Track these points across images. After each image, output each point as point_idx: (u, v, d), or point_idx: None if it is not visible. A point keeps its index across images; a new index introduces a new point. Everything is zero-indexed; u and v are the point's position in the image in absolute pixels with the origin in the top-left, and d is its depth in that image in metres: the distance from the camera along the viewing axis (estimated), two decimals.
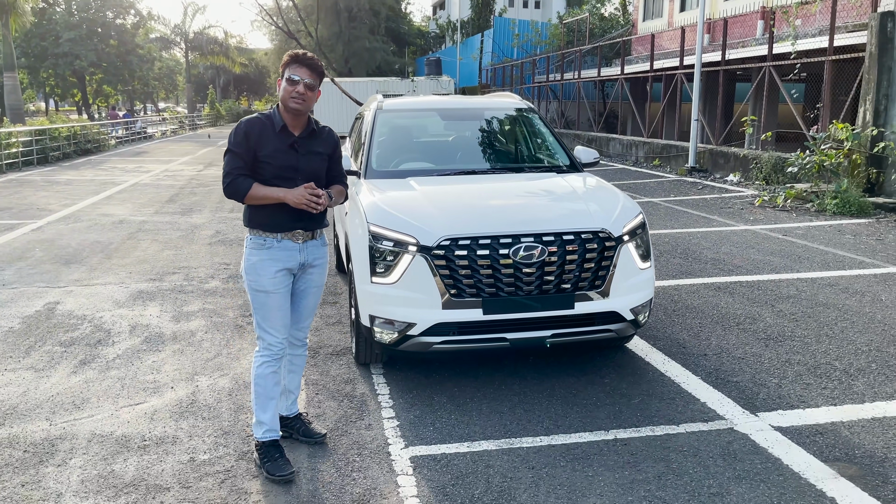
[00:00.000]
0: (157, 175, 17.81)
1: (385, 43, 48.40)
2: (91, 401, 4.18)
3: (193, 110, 59.57)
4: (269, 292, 3.36)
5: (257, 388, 3.43)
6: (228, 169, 3.27)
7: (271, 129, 3.30)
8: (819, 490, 3.15)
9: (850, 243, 8.36)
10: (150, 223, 10.49)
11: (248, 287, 3.39)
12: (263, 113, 3.38)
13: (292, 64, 3.27)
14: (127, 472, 3.38)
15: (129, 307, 6.11)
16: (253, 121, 3.33)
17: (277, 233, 3.35)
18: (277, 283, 3.37)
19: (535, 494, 3.16)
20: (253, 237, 3.37)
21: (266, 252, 3.35)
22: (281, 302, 3.41)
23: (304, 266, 3.46)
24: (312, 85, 3.28)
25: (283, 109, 3.33)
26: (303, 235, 3.41)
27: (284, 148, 3.32)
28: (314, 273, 3.52)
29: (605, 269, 4.16)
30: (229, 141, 3.31)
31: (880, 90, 10.75)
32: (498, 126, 5.79)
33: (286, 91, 3.27)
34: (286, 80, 3.27)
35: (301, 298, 3.53)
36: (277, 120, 3.33)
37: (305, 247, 3.43)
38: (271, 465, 3.34)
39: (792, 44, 12.90)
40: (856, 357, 4.73)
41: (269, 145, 3.28)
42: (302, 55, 3.29)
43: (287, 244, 3.37)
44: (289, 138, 3.33)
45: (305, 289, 3.53)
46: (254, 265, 3.34)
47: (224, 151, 3.32)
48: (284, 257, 3.37)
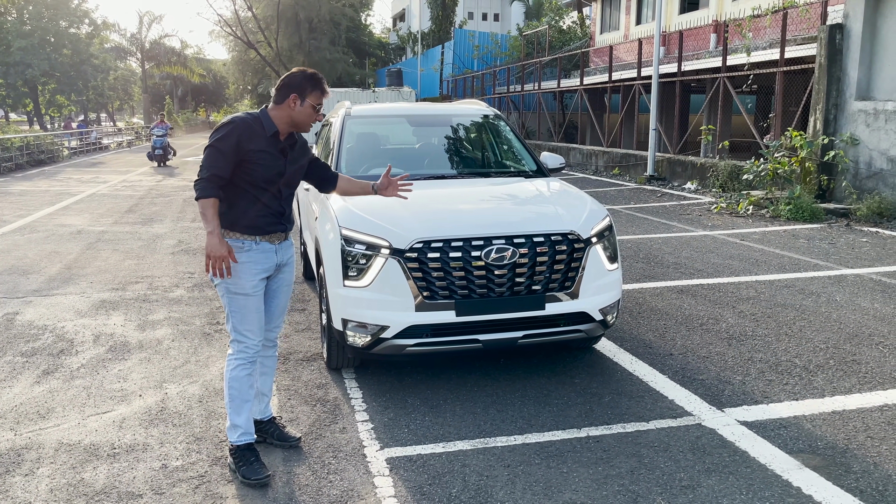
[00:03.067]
0: (114, 185, 17.48)
1: (346, 54, 48.38)
2: (56, 410, 4.09)
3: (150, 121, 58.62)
4: (249, 295, 3.36)
5: (232, 392, 3.40)
6: (208, 166, 3.20)
7: (262, 132, 3.29)
8: (785, 480, 3.25)
9: (805, 247, 8.63)
10: (110, 233, 10.29)
11: (226, 290, 3.36)
12: (250, 114, 3.35)
13: (318, 92, 3.34)
14: (97, 480, 3.31)
15: (92, 317, 5.99)
16: (245, 121, 3.28)
17: (256, 235, 3.34)
18: (257, 285, 3.38)
19: (511, 492, 3.19)
20: (231, 240, 3.32)
21: (246, 255, 3.33)
22: (259, 304, 3.42)
23: (279, 266, 3.48)
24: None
25: (280, 119, 3.33)
26: (279, 237, 3.41)
27: (275, 152, 3.32)
28: (286, 271, 3.55)
29: (575, 271, 4.24)
30: (215, 137, 3.23)
31: (830, 100, 11.13)
32: (466, 132, 5.86)
33: (309, 116, 3.35)
34: (312, 108, 3.33)
35: (273, 298, 3.54)
36: (269, 124, 3.31)
37: (280, 247, 3.45)
38: (247, 468, 3.31)
39: (747, 55, 13.30)
40: (814, 354, 4.89)
41: (260, 148, 3.27)
42: (324, 83, 3.38)
43: (265, 246, 3.37)
44: (279, 144, 3.34)
45: (277, 288, 3.54)
46: (234, 269, 3.32)
47: (209, 145, 3.22)
48: (263, 259, 3.37)
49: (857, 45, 10.65)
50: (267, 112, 3.36)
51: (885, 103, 10.30)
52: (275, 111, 3.35)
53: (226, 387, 3.42)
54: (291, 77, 3.36)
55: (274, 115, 3.35)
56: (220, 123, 3.30)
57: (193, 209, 12.87)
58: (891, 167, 10.28)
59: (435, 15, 44.67)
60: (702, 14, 19.79)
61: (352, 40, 49.77)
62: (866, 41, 10.59)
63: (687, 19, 20.52)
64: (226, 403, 3.44)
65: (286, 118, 3.34)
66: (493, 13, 52.74)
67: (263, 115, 3.35)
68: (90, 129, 37.00)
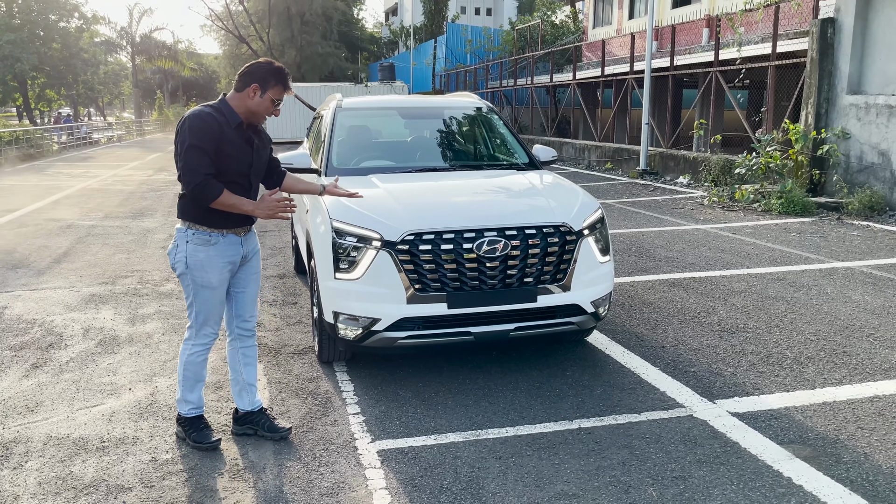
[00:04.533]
0: (105, 180, 17.37)
1: (338, 48, 48.26)
2: (45, 404, 4.06)
3: (140, 115, 58.25)
4: (214, 288, 3.39)
5: (187, 374, 3.49)
6: (197, 168, 3.14)
7: (227, 125, 3.24)
8: (776, 471, 3.26)
9: (796, 241, 8.65)
10: (100, 227, 10.23)
11: (192, 283, 3.37)
12: (210, 105, 3.29)
13: (279, 86, 3.28)
14: (86, 473, 3.29)
15: (81, 311, 5.95)
16: (210, 114, 3.22)
17: (223, 229, 3.33)
18: (224, 277, 3.41)
19: (503, 483, 3.19)
20: (196, 232, 3.31)
21: (213, 248, 3.33)
22: (223, 296, 3.47)
23: (244, 258, 3.49)
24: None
25: (239, 108, 3.28)
26: (245, 229, 3.43)
27: (243, 144, 3.30)
28: (253, 261, 3.57)
29: (567, 263, 4.23)
30: (189, 136, 3.16)
31: (821, 94, 11.16)
32: (458, 125, 5.84)
33: (266, 109, 3.30)
34: (272, 102, 3.28)
35: (244, 288, 3.55)
36: (233, 116, 3.27)
37: (246, 239, 3.47)
38: (197, 434, 3.49)
39: (738, 50, 13.31)
40: (805, 346, 4.90)
41: (230, 140, 3.23)
42: (287, 77, 3.31)
43: (231, 238, 3.38)
44: (244, 134, 3.31)
45: (246, 277, 3.55)
46: (201, 262, 3.32)
47: (187, 147, 3.16)
48: (230, 252, 3.38)
49: (849, 39, 10.67)
50: (227, 101, 3.30)
51: (877, 97, 10.33)
52: (234, 99, 3.30)
53: (180, 368, 3.50)
54: (257, 67, 3.31)
55: (234, 105, 3.29)
56: (189, 121, 3.18)
57: None
58: (882, 161, 10.31)
59: (427, 9, 44.59)
60: (694, 9, 19.78)
61: (344, 35, 49.64)
62: (858, 35, 10.62)
63: (679, 14, 20.51)
64: (179, 381, 3.54)
65: (243, 108, 3.29)
66: (486, 7, 52.64)
67: (224, 106, 3.28)
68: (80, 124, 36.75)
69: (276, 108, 3.35)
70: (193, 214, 3.32)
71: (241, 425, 3.62)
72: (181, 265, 3.36)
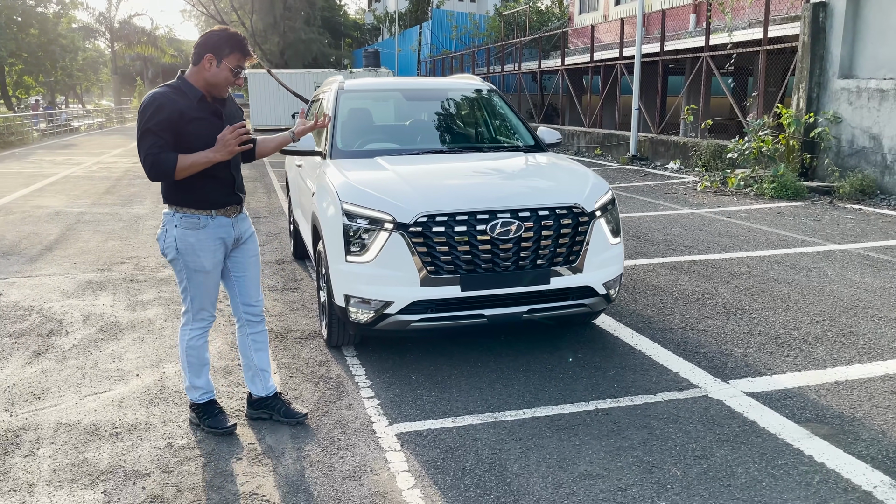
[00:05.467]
0: (89, 167, 17.11)
1: (321, 34, 47.83)
2: (52, 391, 3.98)
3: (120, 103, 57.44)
4: (209, 271, 3.32)
5: (190, 359, 3.43)
6: (147, 149, 3.04)
7: (188, 101, 3.13)
8: (796, 449, 3.26)
9: (791, 224, 8.70)
10: (89, 214, 10.07)
11: (185, 268, 3.29)
12: (168, 85, 3.18)
13: (238, 54, 3.15)
14: (101, 459, 3.23)
15: (79, 297, 5.84)
16: (166, 95, 3.10)
17: (212, 209, 3.26)
18: (217, 260, 3.34)
19: (526, 464, 3.17)
20: (184, 216, 3.23)
21: (203, 231, 3.25)
22: (218, 279, 3.40)
23: (237, 241, 3.41)
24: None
25: (198, 82, 3.17)
26: (234, 210, 3.35)
27: (209, 117, 3.19)
28: (249, 243, 3.49)
29: (579, 245, 4.20)
30: (144, 120, 3.04)
31: (813, 78, 11.21)
32: (462, 106, 5.78)
33: (226, 80, 3.16)
34: (230, 71, 3.14)
35: (244, 271, 3.47)
36: (193, 91, 3.15)
37: (237, 220, 3.39)
38: (212, 419, 3.43)
39: (729, 35, 13.32)
40: (812, 327, 4.92)
41: (193, 118, 3.12)
42: (246, 44, 3.19)
43: (221, 220, 3.30)
44: (210, 107, 3.20)
45: (244, 260, 3.47)
46: (192, 246, 3.25)
47: (141, 132, 3.06)
48: (221, 233, 3.31)
49: (841, 23, 10.71)
50: (185, 78, 3.19)
51: (868, 81, 10.39)
52: (192, 74, 3.18)
53: (182, 354, 3.44)
54: (209, 36, 3.17)
55: (192, 79, 3.18)
56: (143, 104, 3.09)
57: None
58: (873, 145, 10.38)
59: None
60: None
61: (327, 21, 49.22)
62: (849, 19, 10.65)
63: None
64: (183, 369, 3.47)
65: (202, 81, 3.16)
66: None
67: (183, 83, 3.18)
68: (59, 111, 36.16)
69: (238, 78, 3.18)
70: (178, 197, 3.23)
71: (256, 409, 3.57)
72: (172, 250, 3.28)
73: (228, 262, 3.42)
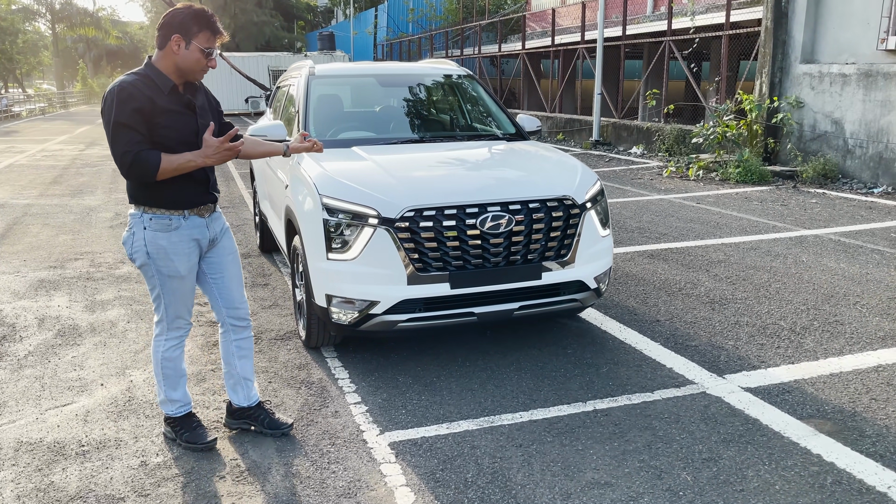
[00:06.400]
0: (33, 155, 16.34)
1: (273, 17, 46.64)
2: (9, 405, 3.67)
3: (62, 87, 55.32)
4: (184, 277, 3.05)
5: (166, 371, 3.17)
6: (126, 148, 2.74)
7: (159, 92, 2.83)
8: (804, 448, 3.17)
9: (759, 209, 8.72)
10: (37, 206, 9.55)
11: (157, 273, 3.01)
12: (136, 73, 2.86)
13: (207, 33, 2.85)
14: (69, 482, 2.95)
15: (32, 298, 5.47)
16: (135, 84, 2.79)
17: (184, 209, 2.98)
18: (192, 264, 3.07)
19: (529, 473, 3.01)
20: (154, 217, 2.95)
21: (175, 233, 2.98)
22: (193, 283, 3.13)
23: (212, 241, 3.15)
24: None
25: (168, 69, 2.87)
26: (208, 209, 3.09)
27: (181, 110, 2.90)
28: (225, 240, 3.21)
29: (571, 238, 4.05)
30: (114, 112, 2.74)
31: (775, 63, 11.26)
32: (440, 92, 5.55)
33: (197, 62, 2.85)
34: (202, 52, 2.84)
35: (222, 272, 3.20)
36: (164, 81, 2.85)
37: (211, 220, 3.12)
38: (190, 434, 3.19)
39: (691, 19, 13.32)
40: (797, 316, 4.87)
41: (165, 110, 2.83)
42: (215, 21, 2.89)
43: (195, 220, 3.03)
44: (181, 98, 2.91)
45: (220, 260, 3.19)
46: (164, 249, 2.97)
47: (112, 126, 2.76)
48: (195, 235, 3.04)
49: (803, 8, 10.76)
50: (153, 64, 2.88)
51: (830, 66, 10.48)
52: (160, 60, 2.87)
53: (157, 367, 3.17)
54: (174, 14, 2.83)
55: (161, 66, 2.87)
56: (109, 94, 2.78)
57: None
58: (835, 129, 10.49)
59: None
60: None
61: (279, 3, 48.00)
62: (811, 4, 10.71)
63: None
64: (157, 382, 3.21)
65: (172, 66, 2.86)
66: None
67: (151, 69, 2.86)
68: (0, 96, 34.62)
69: (211, 59, 2.88)
70: (146, 197, 2.94)
71: (237, 419, 3.32)
72: (141, 255, 2.98)
73: (203, 263, 3.14)
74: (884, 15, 9.65)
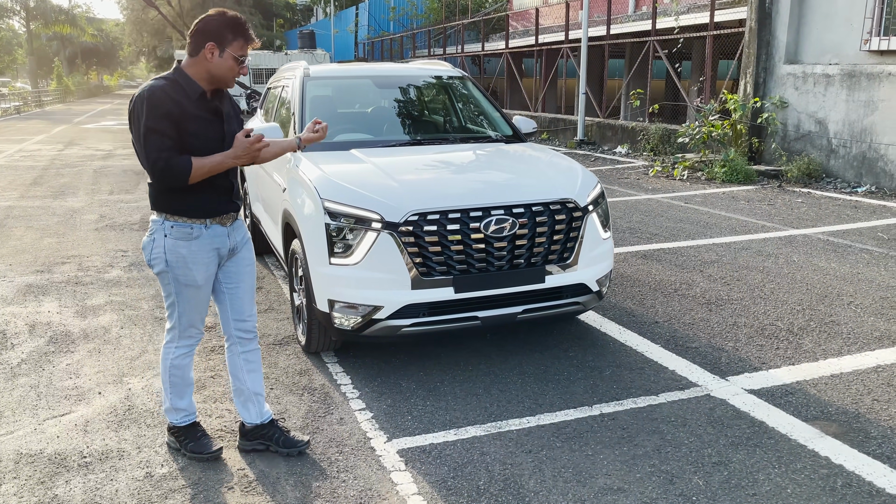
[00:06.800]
0: (11, 156, 16.04)
1: (252, 15, 46.20)
2: (5, 415, 3.58)
3: (37, 85, 54.45)
4: (200, 286, 2.99)
5: (174, 379, 3.12)
6: (158, 154, 2.71)
7: (187, 98, 2.80)
8: (811, 450, 3.19)
9: (747, 209, 8.79)
10: (19, 208, 9.37)
11: (173, 281, 2.96)
12: (165, 78, 2.84)
13: (241, 40, 2.82)
14: (73, 496, 2.89)
15: (20, 304, 5.35)
16: (164, 89, 2.76)
17: (206, 218, 2.93)
18: (210, 274, 3.01)
19: (541, 480, 2.99)
20: (176, 224, 2.90)
21: (196, 243, 2.92)
22: (209, 294, 3.09)
23: (232, 251, 3.08)
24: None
25: (199, 76, 2.84)
26: (230, 218, 3.03)
27: (209, 116, 2.86)
28: (244, 251, 3.15)
29: (573, 241, 4.04)
30: (144, 118, 2.72)
31: (759, 63, 11.36)
32: (436, 94, 5.52)
33: (230, 70, 2.82)
34: (234, 60, 2.82)
35: (238, 283, 3.13)
36: (193, 87, 2.82)
37: (232, 229, 3.06)
38: (194, 444, 3.15)
39: (675, 19, 13.40)
40: (793, 316, 4.91)
41: (193, 116, 2.79)
42: (248, 28, 2.86)
43: (216, 230, 2.97)
44: (209, 105, 2.88)
45: (238, 270, 3.13)
46: (183, 258, 2.91)
47: (143, 131, 2.73)
48: (216, 245, 2.98)
49: (787, 8, 10.86)
50: (183, 70, 2.86)
51: (814, 66, 10.59)
52: (191, 66, 2.84)
53: (165, 374, 3.13)
54: (207, 21, 2.82)
55: (191, 72, 2.84)
56: (139, 98, 2.76)
57: (108, 180, 11.95)
58: (819, 129, 10.61)
59: None
60: None
61: (258, 1, 47.59)
62: (795, 5, 10.81)
63: None
64: (164, 389, 3.16)
65: (204, 73, 2.84)
66: None
67: (180, 75, 2.84)
68: None
69: (243, 66, 2.86)
70: (169, 204, 2.90)
71: (251, 440, 3.22)
72: (160, 262, 2.94)
73: (220, 272, 3.08)
74: (867, 16, 9.77)
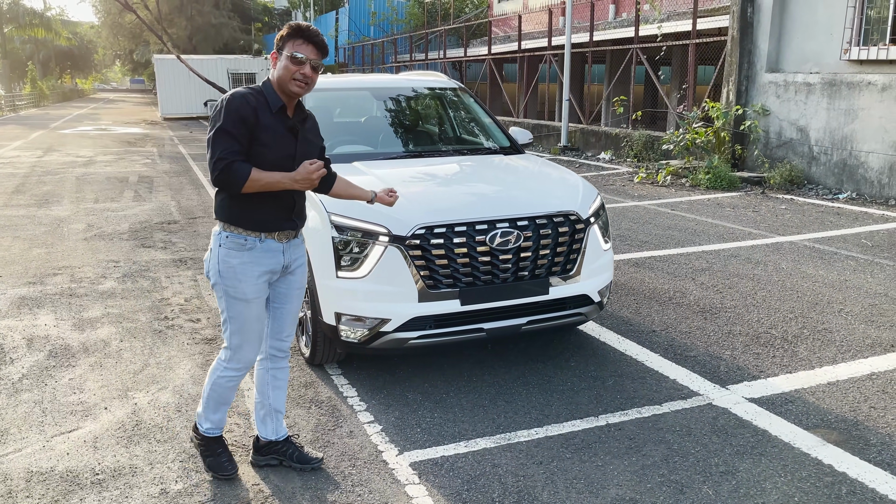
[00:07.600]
0: None
1: (231, 18, 45.96)
2: (11, 432, 3.55)
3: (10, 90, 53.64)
4: (249, 301, 2.96)
5: (213, 394, 3.10)
6: (221, 152, 2.73)
7: (267, 109, 2.85)
8: (815, 459, 3.27)
9: (733, 216, 8.94)
10: (3, 217, 9.24)
11: (224, 293, 2.95)
12: (253, 88, 2.90)
13: (296, 39, 2.83)
14: None
15: (15, 317, 5.30)
16: (247, 96, 2.82)
17: (262, 232, 2.93)
18: (259, 289, 2.98)
19: (554, 491, 3.04)
20: (231, 235, 2.91)
21: (248, 254, 2.92)
22: (261, 312, 3.04)
23: (286, 269, 3.07)
24: (318, 66, 2.88)
25: (278, 88, 2.89)
26: (288, 235, 3.03)
27: (283, 132, 2.88)
28: (298, 273, 3.14)
29: (576, 253, 4.10)
30: (219, 119, 2.77)
31: (742, 72, 11.55)
32: (435, 106, 5.56)
33: (288, 70, 2.82)
34: (288, 59, 2.82)
35: (283, 303, 3.13)
36: (274, 99, 2.86)
37: (289, 246, 3.04)
38: (213, 460, 3.15)
39: (658, 27, 13.58)
40: (787, 324, 5.01)
41: (267, 127, 2.82)
42: (306, 28, 2.85)
43: (270, 244, 2.96)
44: (287, 121, 2.91)
45: (287, 292, 3.12)
46: (233, 269, 2.91)
47: (214, 131, 2.77)
48: (268, 260, 2.96)
49: (768, 17, 11.06)
50: (268, 82, 2.92)
51: (795, 75, 10.79)
52: (270, 79, 2.93)
53: (208, 386, 3.11)
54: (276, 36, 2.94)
55: (273, 84, 2.91)
56: (218, 104, 2.84)
57: (92, 188, 11.82)
58: (800, 136, 10.81)
59: None
60: None
61: (236, 4, 47.34)
62: (776, 14, 11.02)
63: None
64: (203, 398, 3.15)
65: (277, 83, 2.88)
66: None
67: (265, 87, 2.91)
68: None
69: (303, 65, 2.80)
70: (227, 214, 2.90)
71: (264, 455, 3.23)
72: (214, 273, 2.94)
73: (270, 290, 3.07)
74: (847, 26, 9.98)
